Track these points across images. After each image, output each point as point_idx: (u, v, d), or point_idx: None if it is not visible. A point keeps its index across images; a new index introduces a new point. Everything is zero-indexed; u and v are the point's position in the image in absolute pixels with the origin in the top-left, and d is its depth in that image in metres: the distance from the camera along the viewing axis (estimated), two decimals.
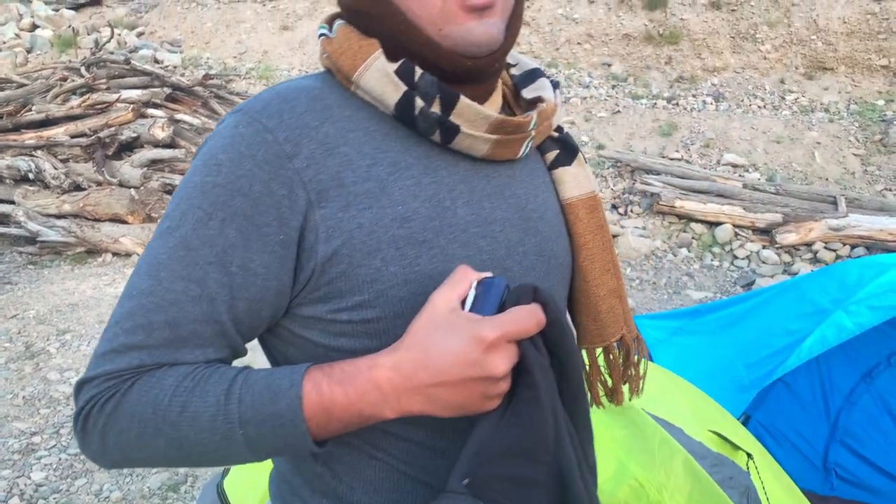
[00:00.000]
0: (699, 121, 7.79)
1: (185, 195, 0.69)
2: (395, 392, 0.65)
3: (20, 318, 4.88)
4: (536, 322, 0.65)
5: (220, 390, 0.66)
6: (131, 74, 7.69)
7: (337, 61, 0.74)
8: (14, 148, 6.79)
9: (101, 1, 13.74)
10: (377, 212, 0.70)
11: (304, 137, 0.69)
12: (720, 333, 4.29)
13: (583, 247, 0.87)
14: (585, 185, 0.88)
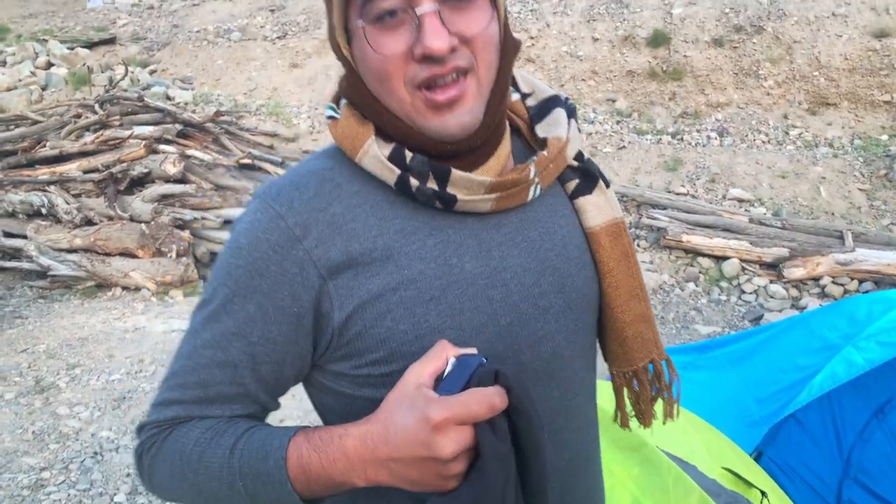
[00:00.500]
0: (704, 156, 7.86)
1: (217, 273, 0.81)
2: (361, 462, 0.69)
3: (30, 353, 4.90)
4: (489, 406, 0.64)
5: (228, 444, 0.75)
6: (144, 111, 7.83)
7: (341, 145, 0.81)
8: (28, 183, 6.89)
9: (114, 39, 14.04)
10: (385, 278, 0.76)
11: (312, 221, 0.77)
12: (730, 369, 4.27)
13: (607, 274, 0.89)
14: (608, 212, 0.89)
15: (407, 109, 0.75)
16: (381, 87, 0.75)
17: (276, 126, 9.35)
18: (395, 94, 0.74)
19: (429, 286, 0.77)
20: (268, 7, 14.40)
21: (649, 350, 0.93)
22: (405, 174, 0.76)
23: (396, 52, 0.72)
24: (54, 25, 15.60)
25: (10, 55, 11.82)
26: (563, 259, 0.86)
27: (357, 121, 0.79)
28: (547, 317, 0.83)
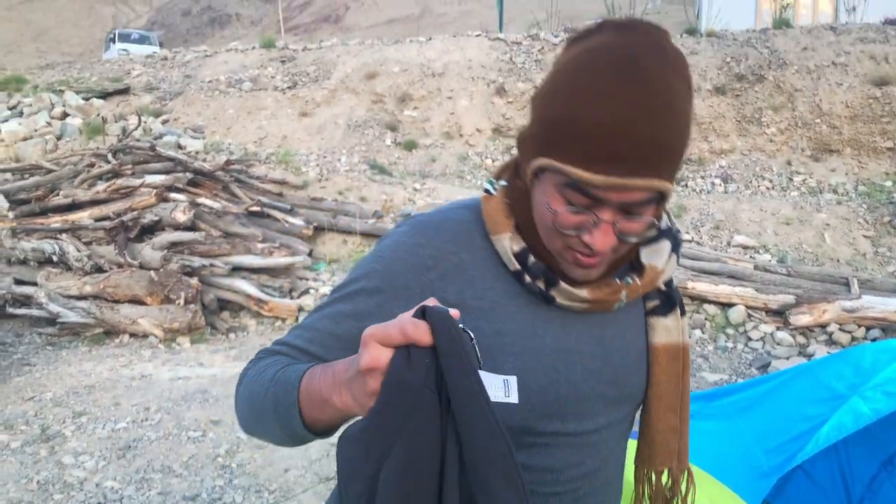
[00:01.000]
0: (708, 202, 7.92)
1: (356, 269, 0.97)
2: (338, 382, 0.76)
3: (37, 401, 4.92)
4: (400, 329, 0.67)
5: (282, 365, 0.90)
6: (155, 160, 7.98)
7: (485, 218, 0.95)
8: (40, 231, 7.00)
9: (129, 89, 14.36)
10: (482, 323, 0.90)
11: (442, 259, 0.93)
12: (737, 418, 4.24)
13: (654, 385, 1.01)
14: (675, 335, 1.01)
15: (553, 249, 0.90)
16: (541, 224, 0.90)
17: (285, 174, 9.49)
18: (551, 239, 0.89)
19: (513, 343, 0.91)
20: (279, 58, 14.75)
21: (671, 458, 1.04)
22: (521, 271, 0.92)
23: (569, 223, 0.85)
24: (70, 76, 16.00)
25: (26, 106, 12.12)
26: (624, 360, 0.99)
27: (504, 211, 0.94)
28: (598, 401, 0.96)
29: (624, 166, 0.78)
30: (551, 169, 0.83)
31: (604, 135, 0.77)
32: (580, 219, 0.84)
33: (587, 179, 0.79)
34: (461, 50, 13.89)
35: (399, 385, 0.67)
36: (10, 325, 6.71)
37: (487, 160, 11.53)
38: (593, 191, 0.81)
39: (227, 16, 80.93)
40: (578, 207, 0.83)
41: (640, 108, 0.77)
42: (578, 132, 0.79)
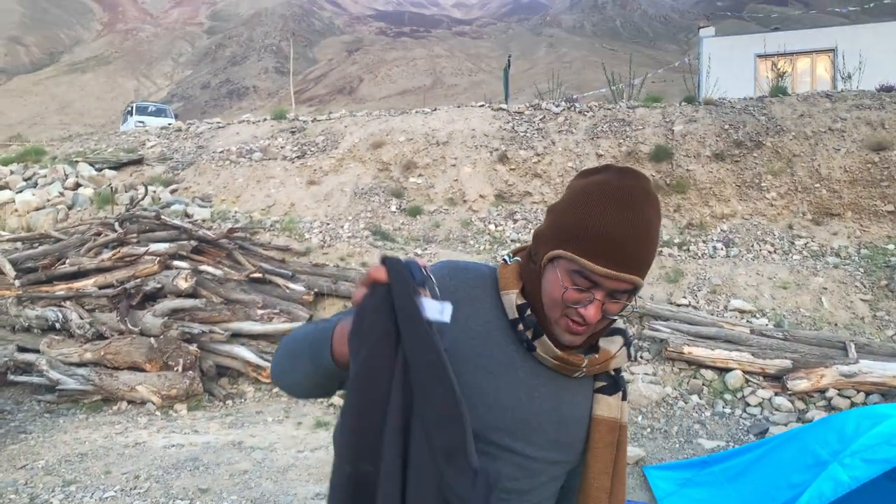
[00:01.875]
0: (705, 267, 7.94)
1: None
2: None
3: (29, 469, 4.93)
4: (368, 274, 1.01)
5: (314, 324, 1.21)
6: (161, 228, 8.18)
7: (499, 279, 1.25)
8: (45, 299, 7.14)
9: (142, 160, 14.80)
10: (477, 343, 1.19)
11: (461, 290, 1.22)
12: (727, 485, 4.19)
13: (592, 448, 1.25)
14: (615, 412, 1.27)
15: (551, 317, 1.18)
16: (548, 298, 1.18)
17: (288, 241, 9.66)
18: (553, 310, 1.17)
19: (495, 365, 1.18)
20: (289, 129, 15.19)
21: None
22: (517, 320, 1.20)
23: (572, 299, 1.15)
24: (88, 148, 16.52)
25: (41, 177, 12.50)
26: (569, 414, 1.24)
27: (515, 276, 1.24)
28: (544, 437, 1.21)
29: (618, 264, 1.12)
30: (567, 258, 1.14)
31: (608, 242, 1.12)
32: (580, 296, 1.14)
33: (593, 269, 1.12)
34: (465, 119, 14.26)
35: (363, 309, 0.98)
36: (10, 393, 6.77)
37: (490, 225, 11.68)
38: (595, 277, 1.12)
39: (245, 88, 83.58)
40: (581, 288, 1.14)
41: (631, 229, 1.12)
42: (591, 237, 1.12)
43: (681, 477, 4.58)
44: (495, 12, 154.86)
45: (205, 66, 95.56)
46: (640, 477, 4.79)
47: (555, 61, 77.43)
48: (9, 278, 7.30)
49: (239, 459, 5.12)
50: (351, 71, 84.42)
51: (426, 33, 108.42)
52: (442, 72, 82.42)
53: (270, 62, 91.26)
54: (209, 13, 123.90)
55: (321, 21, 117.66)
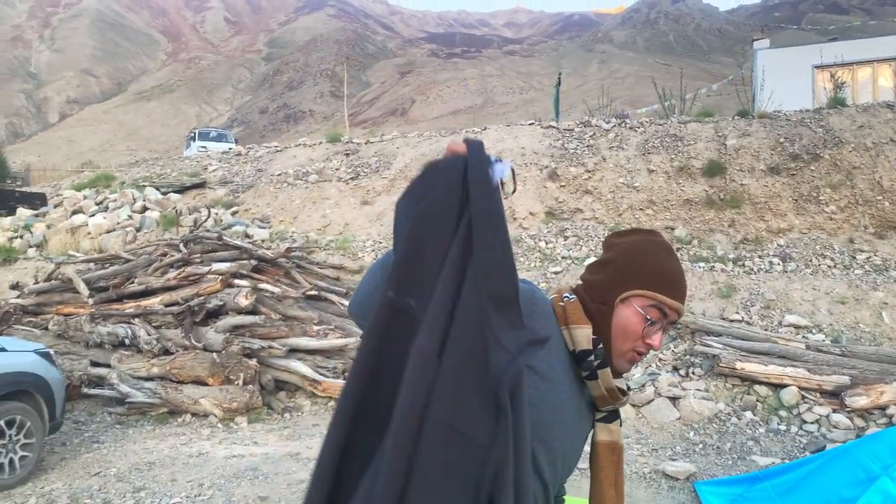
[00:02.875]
0: (759, 282, 7.83)
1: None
2: None
3: (102, 476, 5.23)
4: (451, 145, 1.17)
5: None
6: (223, 248, 8.54)
7: (566, 315, 1.40)
8: (116, 316, 7.54)
9: (205, 183, 15.42)
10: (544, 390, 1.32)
11: (539, 304, 1.37)
12: (779, 501, 4.16)
13: (599, 469, 1.47)
14: (615, 437, 1.47)
15: (619, 352, 1.39)
16: (621, 335, 1.38)
17: (343, 259, 9.93)
18: (624, 345, 1.38)
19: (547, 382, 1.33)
20: (343, 151, 15.60)
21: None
22: (589, 353, 1.36)
23: (643, 336, 1.38)
24: (154, 172, 17.29)
25: (111, 201, 13.16)
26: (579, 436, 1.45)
27: (582, 314, 1.40)
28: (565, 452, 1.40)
29: (682, 297, 1.39)
30: (647, 296, 1.37)
31: (677, 282, 1.39)
32: (650, 329, 1.37)
33: (671, 303, 1.37)
34: (515, 138, 14.40)
35: (436, 164, 1.12)
36: (84, 405, 7.16)
37: (541, 242, 11.73)
38: (666, 309, 1.37)
39: (301, 112, 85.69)
40: (654, 321, 1.37)
41: (681, 270, 1.42)
42: (667, 279, 1.38)
43: (732, 493, 4.55)
44: (546, 30, 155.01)
45: (263, 92, 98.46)
46: (691, 493, 4.78)
47: (607, 77, 76.97)
48: (83, 297, 7.74)
49: (296, 469, 5.31)
50: (403, 93, 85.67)
51: (477, 53, 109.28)
52: (493, 91, 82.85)
53: (325, 86, 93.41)
54: (267, 40, 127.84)
55: (374, 45, 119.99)
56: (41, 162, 34.59)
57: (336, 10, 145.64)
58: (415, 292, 1.03)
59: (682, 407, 6.20)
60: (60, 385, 5.62)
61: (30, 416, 5.22)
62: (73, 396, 7.17)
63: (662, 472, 5.04)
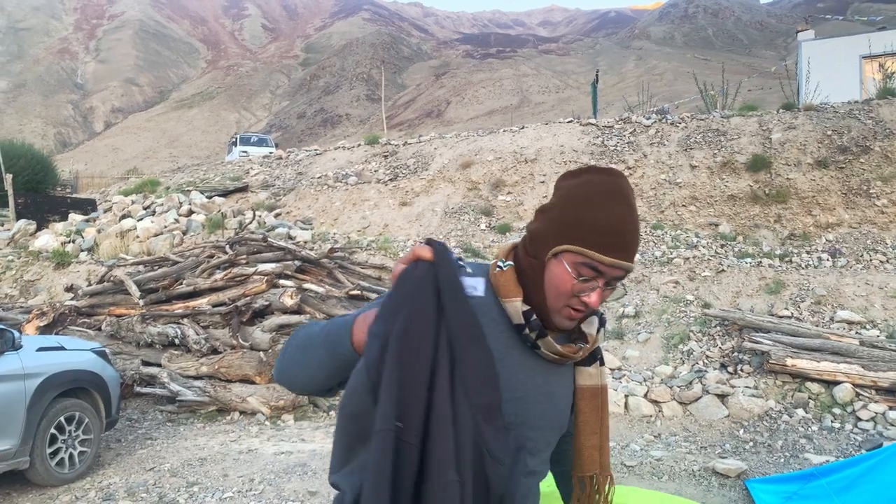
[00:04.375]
0: (808, 278, 7.66)
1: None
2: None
3: (156, 471, 5.36)
4: (412, 251, 1.13)
5: (327, 320, 1.30)
6: (267, 250, 8.69)
7: (496, 286, 1.31)
8: (165, 317, 7.72)
9: (247, 187, 15.68)
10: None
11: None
12: (835, 499, 4.07)
13: (581, 413, 1.41)
14: (595, 379, 1.41)
15: (553, 309, 1.28)
16: (552, 292, 1.27)
17: (384, 259, 10.01)
18: (556, 301, 1.27)
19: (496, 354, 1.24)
20: (381, 153, 15.72)
21: (594, 467, 1.42)
22: (522, 325, 1.27)
23: (578, 289, 1.26)
24: (197, 177, 17.66)
25: (158, 205, 13.49)
26: (558, 386, 1.37)
27: (514, 282, 1.31)
28: (537, 406, 1.32)
29: (621, 253, 1.23)
30: (574, 252, 1.24)
31: (612, 234, 1.23)
32: (585, 286, 1.24)
33: (602, 259, 1.23)
34: (553, 136, 14.34)
35: (405, 277, 1.08)
36: (137, 403, 7.35)
37: None
38: (601, 267, 1.23)
39: (339, 116, 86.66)
40: (587, 278, 1.24)
41: (629, 222, 1.25)
42: (598, 231, 1.22)
43: (786, 490, 4.46)
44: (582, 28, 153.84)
45: (300, 97, 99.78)
46: (743, 490, 4.70)
47: (644, 74, 76.05)
48: (134, 298, 7.95)
49: None
50: (439, 94, 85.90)
51: (512, 53, 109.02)
52: (529, 90, 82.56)
53: (362, 90, 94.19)
54: (303, 46, 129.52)
55: (409, 48, 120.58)
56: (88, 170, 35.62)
57: (371, 13, 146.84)
58: (413, 422, 1.01)
59: (730, 404, 6.10)
60: (116, 383, 5.78)
61: (88, 413, 5.39)
62: (127, 395, 7.37)
63: (712, 469, 4.97)
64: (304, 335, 1.27)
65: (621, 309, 7.98)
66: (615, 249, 1.22)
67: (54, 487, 5.03)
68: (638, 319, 7.72)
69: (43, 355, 5.13)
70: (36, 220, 14.10)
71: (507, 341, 1.28)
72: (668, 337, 7.23)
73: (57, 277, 10.66)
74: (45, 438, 4.98)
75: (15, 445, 4.71)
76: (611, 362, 6.92)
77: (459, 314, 1.05)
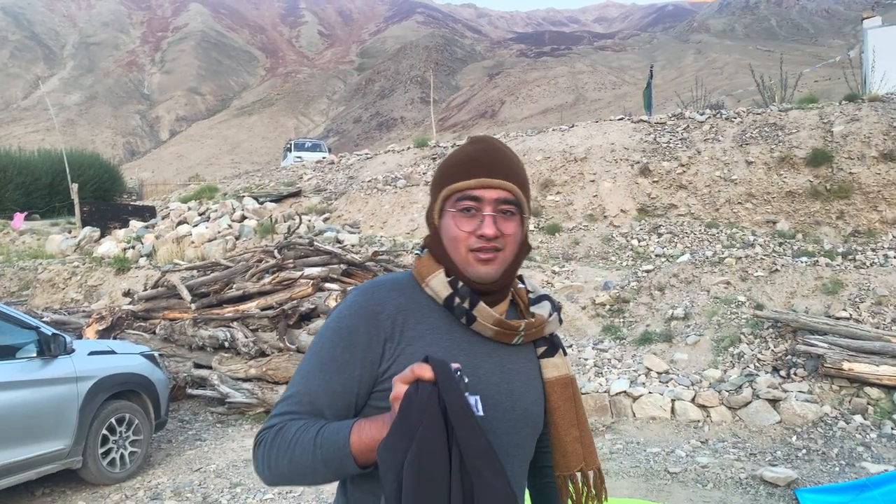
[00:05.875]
0: (868, 277, 7.30)
1: (324, 331, 1.28)
2: (386, 422, 1.07)
3: (202, 472, 5.50)
4: (410, 371, 1.03)
5: (315, 431, 1.16)
6: (314, 254, 8.82)
7: (417, 273, 1.32)
8: (216, 320, 7.92)
9: (300, 192, 15.98)
10: (414, 348, 1.23)
11: (387, 304, 1.26)
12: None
13: (556, 409, 1.35)
14: (562, 370, 1.37)
15: (462, 259, 1.27)
16: (452, 244, 1.27)
17: None
18: (460, 252, 1.27)
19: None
20: (430, 156, 15.78)
21: (579, 462, 1.35)
22: (453, 294, 1.26)
23: (467, 230, 1.26)
24: (253, 183, 18.10)
25: (213, 211, 13.87)
26: (517, 381, 1.31)
27: (433, 261, 1.32)
28: (496, 407, 1.26)
29: (484, 172, 1.25)
30: (446, 194, 1.27)
31: (468, 160, 1.27)
32: (472, 219, 1.24)
33: (467, 184, 1.25)
34: (604, 134, 14.11)
35: (410, 403, 1.02)
36: (188, 405, 7.57)
37: (633, 241, 11.43)
38: (472, 192, 1.24)
39: (393, 119, 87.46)
40: (468, 209, 1.24)
41: (485, 148, 1.29)
42: (455, 165, 1.28)
43: (837, 501, 4.27)
44: (638, 23, 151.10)
45: (356, 102, 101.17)
46: (792, 500, 4.51)
47: (704, 68, 74.17)
48: (186, 302, 8.18)
49: None
50: (492, 95, 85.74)
51: (567, 51, 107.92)
52: (584, 88, 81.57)
53: (416, 93, 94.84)
54: (358, 51, 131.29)
55: (463, 49, 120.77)
56: (154, 177, 36.98)
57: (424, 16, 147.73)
58: None
59: (782, 410, 5.87)
60: (164, 385, 5.96)
61: (138, 415, 5.57)
62: (179, 397, 7.60)
63: (760, 477, 4.79)
64: (290, 460, 1.17)
65: (670, 311, 7.78)
66: (477, 172, 1.24)
67: (106, 486, 5.22)
68: (687, 321, 7.51)
69: (94, 359, 5.33)
70: (100, 227, 14.70)
71: (450, 335, 1.26)
72: (718, 339, 7.00)
73: (117, 282, 11.08)
74: (97, 439, 5.17)
75: (68, 445, 4.91)
76: (657, 366, 6.75)
77: (470, 437, 1.01)
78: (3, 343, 4.79)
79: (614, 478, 4.97)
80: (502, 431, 1.26)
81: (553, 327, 1.38)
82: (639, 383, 6.51)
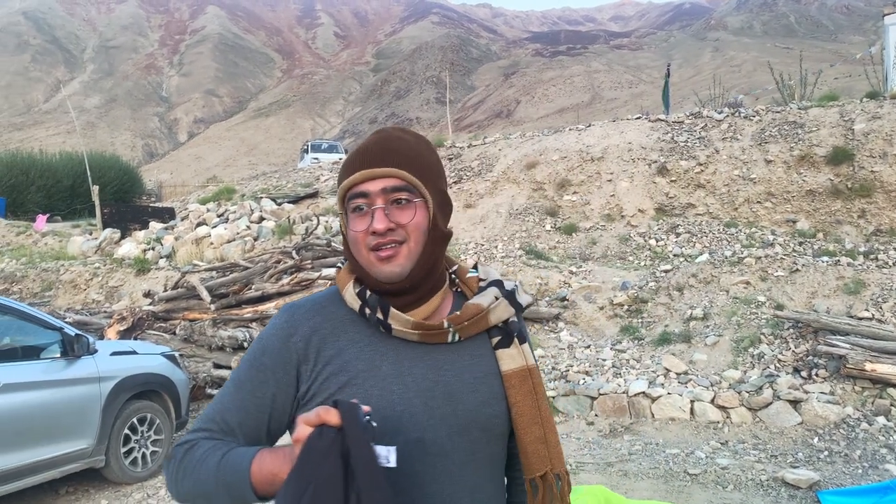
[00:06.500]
0: (892, 276, 7.21)
1: (247, 353, 1.27)
2: (286, 457, 1.03)
3: None
4: (315, 414, 0.97)
5: (220, 455, 1.13)
6: (331, 254, 8.86)
7: (338, 284, 1.26)
8: (235, 321, 7.99)
9: (317, 193, 16.06)
10: (333, 366, 1.18)
11: (301, 326, 1.22)
12: None
13: (514, 405, 1.23)
14: (519, 361, 1.25)
15: (365, 262, 1.19)
16: (354, 248, 1.20)
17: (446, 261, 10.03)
18: (361, 253, 1.19)
19: (355, 375, 1.17)
20: (446, 156, 15.78)
21: (544, 464, 1.24)
22: (364, 305, 1.19)
23: (361, 229, 1.18)
24: (271, 184, 18.21)
25: (231, 212, 13.98)
26: (458, 381, 1.20)
27: (348, 272, 1.26)
28: (433, 414, 1.17)
29: (366, 164, 1.17)
30: (341, 194, 1.20)
31: (354, 154, 1.19)
32: (366, 218, 1.16)
33: (351, 180, 1.17)
34: (620, 133, 14.04)
35: (310, 450, 0.97)
36: (208, 404, 7.63)
37: (651, 240, 11.36)
38: (359, 187, 1.17)
39: (409, 120, 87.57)
40: (360, 206, 1.16)
41: (378, 139, 1.20)
42: (346, 162, 1.20)
43: (860, 503, 4.22)
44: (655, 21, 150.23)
45: (372, 102, 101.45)
46: (814, 502, 4.47)
47: (721, 66, 73.54)
48: (206, 303, 8.26)
49: None
50: (508, 94, 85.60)
51: (583, 49, 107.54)
52: (600, 87, 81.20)
53: (431, 93, 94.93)
54: (374, 52, 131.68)
55: (478, 49, 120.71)
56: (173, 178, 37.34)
57: (440, 17, 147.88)
58: None
59: (803, 411, 5.81)
60: (185, 385, 6.02)
61: (159, 415, 5.63)
62: (199, 396, 7.66)
63: (782, 479, 4.75)
64: (195, 482, 1.15)
65: (689, 311, 7.73)
66: (361, 164, 1.17)
67: (128, 485, 5.28)
68: (706, 322, 7.46)
69: (116, 359, 5.40)
70: (120, 228, 14.86)
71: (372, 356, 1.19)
72: (738, 340, 6.95)
73: (138, 283, 11.20)
74: (120, 438, 5.24)
75: (91, 445, 4.98)
76: (676, 366, 6.71)
77: (371, 488, 0.95)
78: (28, 344, 4.87)
79: (633, 479, 4.95)
80: (443, 438, 1.17)
81: (501, 314, 1.25)
82: (657, 384, 6.48)
